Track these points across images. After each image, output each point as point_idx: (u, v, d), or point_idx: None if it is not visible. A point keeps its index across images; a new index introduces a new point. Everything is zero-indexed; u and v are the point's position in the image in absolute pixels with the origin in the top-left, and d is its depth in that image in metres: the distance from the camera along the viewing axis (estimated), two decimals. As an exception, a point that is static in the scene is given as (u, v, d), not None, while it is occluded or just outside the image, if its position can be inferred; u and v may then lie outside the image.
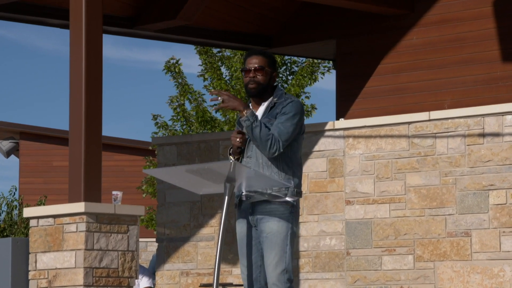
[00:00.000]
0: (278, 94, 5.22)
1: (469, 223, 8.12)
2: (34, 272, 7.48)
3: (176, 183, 5.21)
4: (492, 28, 9.37)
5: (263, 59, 5.21)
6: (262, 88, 5.19)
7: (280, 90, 5.24)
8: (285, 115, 5.12)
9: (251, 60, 5.21)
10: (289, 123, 5.10)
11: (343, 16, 10.06)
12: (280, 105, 5.17)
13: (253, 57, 5.22)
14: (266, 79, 5.19)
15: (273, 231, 5.10)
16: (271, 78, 5.22)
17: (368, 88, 9.93)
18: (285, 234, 5.09)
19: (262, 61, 5.20)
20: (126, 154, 20.71)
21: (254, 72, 5.19)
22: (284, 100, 5.18)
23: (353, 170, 8.57)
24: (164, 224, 9.40)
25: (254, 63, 5.20)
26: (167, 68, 16.73)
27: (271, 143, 5.05)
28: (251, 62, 5.21)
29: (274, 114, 5.15)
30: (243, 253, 5.18)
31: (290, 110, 5.13)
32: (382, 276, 8.40)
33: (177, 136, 14.21)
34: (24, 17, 9.49)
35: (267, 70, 5.20)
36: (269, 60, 5.22)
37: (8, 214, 17.28)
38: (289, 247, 5.09)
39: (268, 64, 5.21)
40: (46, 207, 7.61)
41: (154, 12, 9.78)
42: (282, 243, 5.08)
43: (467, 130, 8.20)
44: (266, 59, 5.21)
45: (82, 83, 7.43)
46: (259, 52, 5.26)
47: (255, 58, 5.21)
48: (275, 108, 5.17)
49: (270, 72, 5.21)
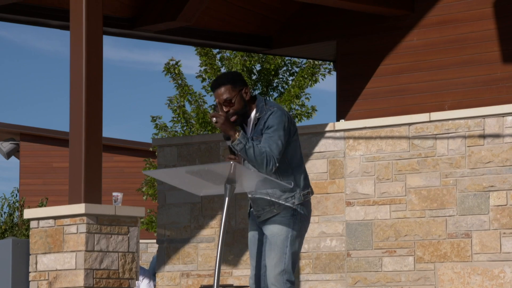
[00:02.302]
0: (259, 108, 5.16)
1: (470, 224, 8.11)
2: (35, 273, 7.47)
3: (177, 184, 5.21)
4: (492, 29, 9.37)
5: (226, 88, 5.11)
6: (242, 113, 5.16)
7: (261, 102, 5.18)
8: (270, 129, 5.09)
9: (216, 95, 5.14)
10: (276, 135, 5.08)
11: (343, 17, 10.05)
12: (262, 120, 5.14)
13: (217, 91, 5.13)
14: (239, 104, 5.13)
15: (273, 233, 5.15)
16: (243, 97, 5.14)
17: (369, 89, 9.93)
18: (285, 236, 5.12)
19: (226, 90, 5.11)
20: (126, 155, 20.71)
21: (226, 105, 5.13)
22: (265, 114, 5.13)
23: (354, 171, 8.56)
24: (164, 226, 9.39)
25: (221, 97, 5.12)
26: (166, 70, 16.73)
27: (266, 160, 5.04)
28: (217, 97, 5.14)
29: (259, 130, 5.13)
30: (251, 254, 5.27)
31: (273, 123, 5.10)
32: (383, 277, 8.39)
33: (178, 137, 14.21)
34: (24, 18, 9.48)
35: (235, 95, 5.11)
36: (232, 84, 5.12)
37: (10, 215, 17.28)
38: (289, 249, 5.11)
39: (234, 88, 5.11)
40: (47, 208, 7.60)
41: (154, 13, 9.78)
42: (281, 245, 5.11)
43: (468, 131, 8.20)
44: (228, 85, 5.11)
45: (82, 84, 7.43)
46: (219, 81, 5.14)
47: (219, 91, 5.12)
48: (259, 124, 5.14)
49: (239, 92, 5.12)
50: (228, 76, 5.17)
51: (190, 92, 16.68)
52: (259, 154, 5.04)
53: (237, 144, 5.06)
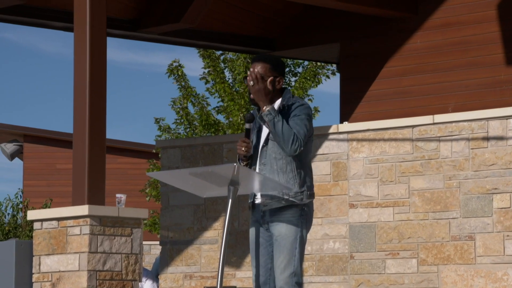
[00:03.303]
0: (286, 97, 5.17)
1: (473, 227, 8.11)
2: (38, 274, 7.48)
3: (180, 186, 5.21)
4: (496, 31, 9.36)
5: (265, 65, 5.12)
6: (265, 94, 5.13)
7: (288, 93, 5.19)
8: (296, 117, 5.09)
9: (253, 66, 5.14)
10: (303, 123, 5.08)
11: (347, 19, 10.05)
12: (289, 109, 5.12)
13: (255, 63, 5.14)
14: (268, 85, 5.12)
15: (282, 234, 5.10)
16: (275, 84, 5.14)
17: (372, 91, 9.93)
18: (294, 237, 5.09)
19: (264, 67, 5.11)
20: (130, 157, 20.72)
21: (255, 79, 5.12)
22: (292, 104, 5.14)
23: (357, 174, 8.56)
24: (167, 227, 9.40)
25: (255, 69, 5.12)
26: (170, 71, 16.74)
27: (293, 139, 5.02)
28: (253, 68, 5.13)
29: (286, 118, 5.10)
30: (253, 255, 5.20)
31: (301, 112, 5.10)
32: (386, 279, 8.39)
33: (181, 139, 14.21)
34: (28, 20, 9.50)
35: (269, 76, 5.11)
36: (271, 66, 5.13)
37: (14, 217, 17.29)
38: (298, 251, 5.09)
39: (271, 70, 5.13)
40: (50, 210, 7.61)
41: (157, 15, 9.79)
42: (291, 246, 5.08)
43: (471, 133, 8.19)
44: (268, 65, 5.12)
45: (86, 86, 7.43)
46: (261, 58, 5.16)
47: (257, 64, 5.13)
48: (285, 113, 5.12)
49: (273, 77, 5.14)
50: (272, 58, 5.18)
51: (193, 94, 16.69)
52: (288, 130, 5.01)
53: (267, 114, 5.02)
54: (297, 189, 5.11)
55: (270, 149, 5.13)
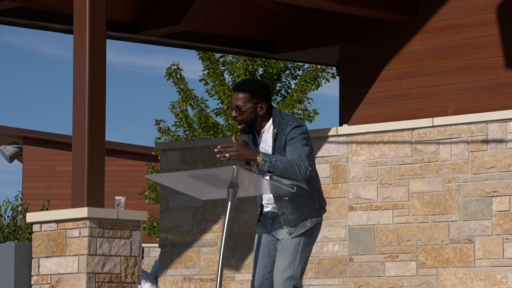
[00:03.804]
0: (276, 123, 5.08)
1: (472, 230, 8.11)
2: (37, 277, 7.48)
3: (179, 188, 5.21)
4: (495, 34, 9.37)
5: (244, 96, 5.03)
6: (249, 124, 5.09)
7: (277, 116, 5.10)
8: (293, 139, 5.04)
9: (233, 97, 5.07)
10: (300, 143, 5.03)
11: (347, 22, 10.06)
12: (282, 135, 5.07)
13: (235, 94, 5.07)
14: (250, 115, 5.06)
15: (286, 237, 5.12)
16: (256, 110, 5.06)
17: (372, 94, 9.93)
18: (298, 241, 5.09)
19: (243, 98, 5.03)
20: (129, 159, 20.72)
21: (236, 111, 5.07)
22: (284, 129, 5.07)
23: (356, 176, 8.56)
24: (167, 229, 9.40)
25: (235, 102, 5.06)
26: (168, 74, 16.75)
27: (297, 167, 4.96)
28: (233, 99, 5.07)
29: (282, 146, 5.06)
30: (255, 257, 5.22)
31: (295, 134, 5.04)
32: (385, 282, 8.39)
33: (180, 141, 14.22)
34: (27, 22, 9.50)
35: (248, 106, 5.03)
36: (251, 94, 5.04)
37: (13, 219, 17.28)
38: (300, 255, 5.09)
39: (250, 99, 5.04)
40: (49, 212, 7.61)
41: (157, 18, 9.79)
42: (293, 250, 5.08)
43: (471, 136, 8.20)
44: (247, 94, 5.03)
45: (85, 88, 7.43)
46: (240, 87, 5.07)
47: (237, 95, 5.05)
48: (280, 140, 5.07)
49: (254, 105, 5.05)
50: (252, 85, 5.09)
51: (192, 97, 16.69)
52: (288, 163, 4.96)
53: (263, 164, 4.95)
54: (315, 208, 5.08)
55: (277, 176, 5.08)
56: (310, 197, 5.09)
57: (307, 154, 5.04)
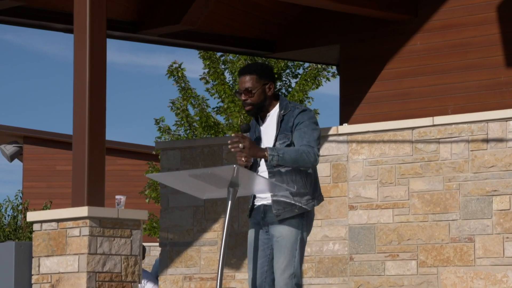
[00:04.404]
0: (283, 106, 5.12)
1: (473, 229, 8.11)
2: (37, 276, 7.48)
3: (180, 187, 5.21)
4: (496, 33, 9.37)
5: (251, 77, 5.07)
6: (259, 106, 5.12)
7: (284, 100, 5.15)
8: (301, 124, 5.06)
9: (240, 81, 5.10)
10: (309, 128, 5.06)
11: (347, 21, 10.06)
12: (290, 117, 5.09)
13: (242, 78, 5.10)
14: (260, 96, 5.09)
15: (283, 235, 5.10)
16: (265, 91, 5.10)
17: (372, 93, 9.93)
18: (294, 238, 5.09)
19: (251, 80, 5.07)
20: (130, 158, 20.72)
21: (245, 94, 5.09)
22: (292, 111, 5.10)
23: (357, 175, 8.57)
24: (167, 229, 9.40)
25: (243, 85, 5.09)
26: (169, 73, 16.74)
27: (306, 155, 4.98)
28: (240, 83, 5.10)
29: (288, 127, 5.07)
30: (250, 257, 5.19)
31: (303, 119, 5.07)
32: (385, 281, 8.39)
33: (181, 140, 14.21)
34: (28, 22, 9.50)
35: (257, 87, 5.07)
36: (258, 75, 5.09)
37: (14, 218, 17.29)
38: (298, 252, 5.09)
39: (258, 79, 5.08)
40: (49, 211, 7.61)
41: (158, 17, 9.79)
42: (291, 248, 5.08)
43: (471, 135, 8.20)
44: (254, 75, 5.08)
45: (86, 88, 7.44)
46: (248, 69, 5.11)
47: (244, 78, 5.09)
48: (287, 122, 5.08)
49: (262, 86, 5.10)
50: (257, 67, 5.13)
51: (193, 96, 16.69)
52: (296, 153, 4.97)
53: (271, 159, 4.96)
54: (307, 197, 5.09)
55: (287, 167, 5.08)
56: (303, 185, 5.08)
57: (316, 139, 5.05)
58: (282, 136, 5.10)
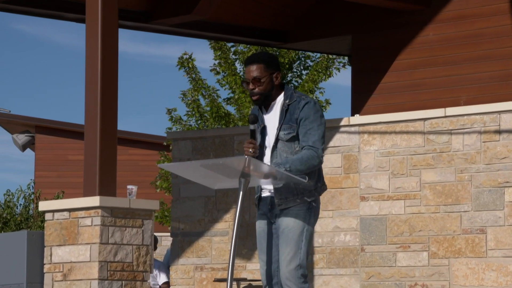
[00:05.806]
0: (288, 95, 5.13)
1: (485, 220, 8.09)
2: (49, 265, 7.50)
3: (191, 177, 5.21)
4: (509, 24, 9.32)
5: (258, 66, 5.09)
6: (266, 95, 5.13)
7: (289, 89, 5.16)
8: (307, 120, 5.06)
9: (247, 71, 5.12)
10: (315, 125, 5.06)
11: (359, 12, 10.03)
12: (296, 108, 5.09)
13: (249, 67, 5.11)
14: (267, 86, 5.11)
15: (290, 227, 5.10)
16: (273, 80, 5.12)
17: (384, 84, 9.91)
18: (301, 230, 5.09)
19: (258, 69, 5.09)
20: (141, 148, 20.75)
21: (253, 83, 5.11)
22: (297, 102, 5.10)
23: (368, 166, 8.55)
24: (178, 219, 9.41)
25: (251, 74, 5.10)
26: (180, 64, 16.74)
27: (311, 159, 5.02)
28: (248, 72, 5.12)
29: (294, 119, 5.08)
30: (261, 248, 5.19)
31: (309, 114, 5.07)
32: (397, 272, 8.38)
33: (192, 131, 14.22)
34: (40, 11, 9.50)
35: (265, 76, 5.09)
36: (265, 64, 5.10)
37: (26, 207, 17.34)
38: (304, 243, 5.09)
39: (266, 68, 5.10)
40: (62, 200, 7.63)
41: (169, 7, 9.78)
42: (297, 239, 5.08)
43: (483, 126, 8.17)
44: (262, 65, 5.09)
45: (97, 78, 7.44)
46: (255, 58, 5.13)
47: (251, 67, 5.10)
48: (292, 112, 5.09)
49: (270, 75, 5.11)
50: (264, 56, 5.15)
51: (204, 86, 16.69)
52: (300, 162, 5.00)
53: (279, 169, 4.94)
54: (312, 186, 5.10)
55: (281, 149, 5.11)
56: (306, 176, 5.09)
57: (321, 138, 5.06)
58: (287, 126, 5.11)
